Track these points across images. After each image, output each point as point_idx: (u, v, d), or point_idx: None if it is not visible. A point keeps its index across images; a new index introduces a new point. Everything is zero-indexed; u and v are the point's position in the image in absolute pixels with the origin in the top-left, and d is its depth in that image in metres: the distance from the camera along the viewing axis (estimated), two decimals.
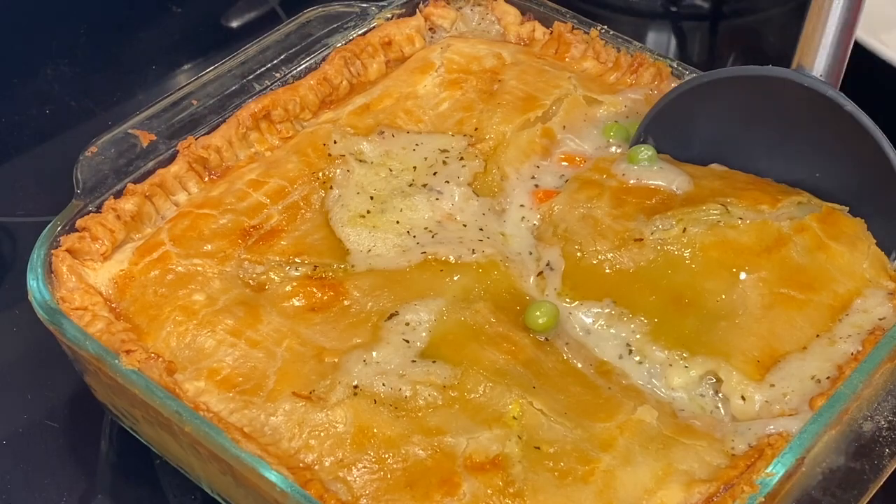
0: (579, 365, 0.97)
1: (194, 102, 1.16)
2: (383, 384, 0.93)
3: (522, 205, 1.10)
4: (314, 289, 1.01)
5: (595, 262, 1.02)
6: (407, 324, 0.97)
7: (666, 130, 1.11)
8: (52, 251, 1.02)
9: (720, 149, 1.10)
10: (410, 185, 1.10)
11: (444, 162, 1.12)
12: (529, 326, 0.99)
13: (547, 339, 0.99)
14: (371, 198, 1.09)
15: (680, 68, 1.19)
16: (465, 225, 1.07)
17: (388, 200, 1.08)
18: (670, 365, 0.96)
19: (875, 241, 1.03)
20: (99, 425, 1.12)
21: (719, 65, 1.60)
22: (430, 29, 1.29)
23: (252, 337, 0.97)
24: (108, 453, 1.11)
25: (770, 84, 1.04)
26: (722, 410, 0.94)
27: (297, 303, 1.01)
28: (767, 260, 1.00)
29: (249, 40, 1.22)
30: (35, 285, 0.99)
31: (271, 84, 1.18)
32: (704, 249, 1.01)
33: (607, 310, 1.00)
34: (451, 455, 0.89)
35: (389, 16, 1.27)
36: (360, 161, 1.12)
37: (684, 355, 0.96)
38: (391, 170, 1.11)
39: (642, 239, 1.01)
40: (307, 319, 0.99)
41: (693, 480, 0.88)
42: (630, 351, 0.98)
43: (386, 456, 0.89)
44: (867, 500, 0.87)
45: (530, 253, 1.06)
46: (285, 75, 1.20)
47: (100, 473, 1.10)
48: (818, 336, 0.97)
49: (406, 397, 0.92)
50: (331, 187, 1.10)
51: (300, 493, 0.85)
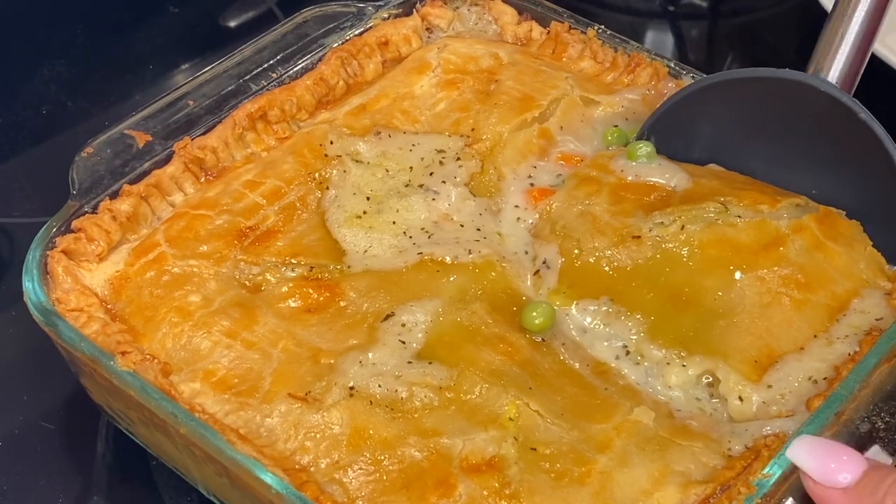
0: (576, 365, 0.97)
1: (190, 103, 1.15)
2: (379, 385, 0.93)
3: (517, 205, 1.09)
4: (310, 290, 1.01)
5: (593, 260, 1.02)
6: (403, 325, 0.97)
7: (669, 131, 1.11)
8: (48, 252, 1.02)
9: (723, 152, 1.10)
10: (407, 186, 1.09)
11: (441, 162, 1.11)
12: (526, 327, 0.99)
13: (543, 340, 0.99)
14: (367, 198, 1.08)
15: (677, 68, 1.19)
16: (462, 225, 1.07)
17: (385, 201, 1.08)
18: (668, 364, 0.96)
19: (871, 244, 1.03)
20: (95, 427, 1.12)
21: (718, 65, 1.60)
22: (427, 29, 1.29)
23: (248, 338, 0.97)
24: (104, 455, 1.11)
25: (782, 87, 1.04)
26: (719, 411, 0.94)
27: (293, 304, 1.00)
28: (765, 259, 1.00)
29: (246, 40, 1.22)
30: (30, 286, 0.99)
31: (268, 84, 1.18)
32: (702, 247, 1.00)
33: (604, 308, 1.00)
34: (447, 456, 0.89)
35: (386, 16, 1.27)
36: (357, 161, 1.11)
37: (682, 354, 0.96)
38: (387, 170, 1.11)
39: (640, 236, 1.01)
40: (303, 320, 0.99)
41: (689, 482, 0.87)
42: (627, 352, 0.98)
43: (382, 457, 0.89)
44: None
45: (526, 252, 1.05)
46: (282, 75, 1.19)
47: (96, 475, 1.10)
48: (816, 336, 0.97)
49: (402, 399, 0.92)
50: (327, 188, 1.09)
51: (295, 495, 0.85)
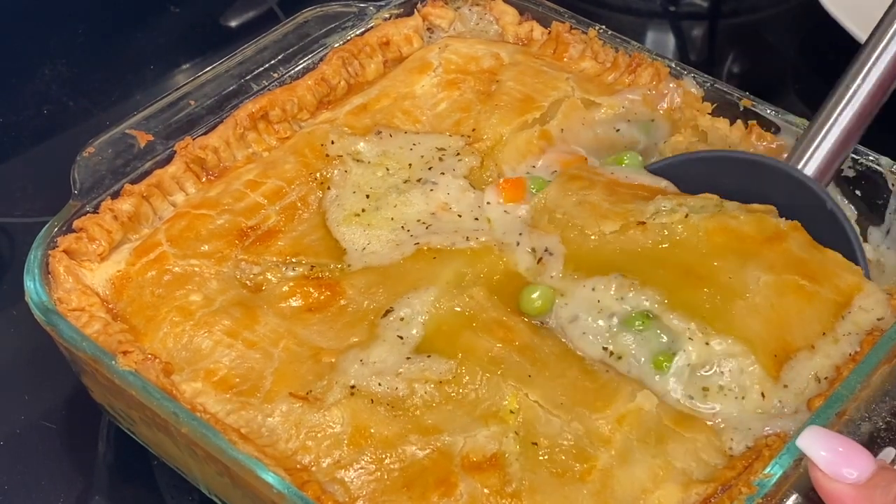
0: (578, 351, 0.97)
1: (192, 103, 1.15)
2: (379, 384, 0.93)
3: (489, 202, 1.08)
4: (311, 289, 1.01)
5: (598, 244, 1.00)
6: (401, 318, 0.97)
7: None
8: (49, 252, 1.02)
9: None
10: (405, 182, 1.09)
11: (441, 158, 1.11)
12: (524, 311, 0.98)
13: (543, 324, 0.98)
14: (367, 196, 1.08)
15: (678, 68, 1.19)
16: (460, 215, 1.07)
17: (384, 198, 1.08)
18: (690, 339, 0.93)
19: None
20: (96, 426, 1.12)
21: (718, 65, 1.60)
22: (429, 29, 1.29)
23: (249, 338, 0.97)
24: (106, 454, 1.11)
25: (762, 169, 1.07)
26: (729, 396, 0.93)
27: (294, 303, 1.00)
28: (770, 250, 0.99)
29: (248, 40, 1.22)
30: (32, 286, 0.99)
31: (269, 84, 1.18)
32: (709, 234, 0.99)
33: (615, 282, 0.97)
34: (448, 454, 0.89)
35: (387, 16, 1.27)
36: (358, 161, 1.11)
37: (705, 328, 0.93)
38: (388, 169, 1.11)
39: (645, 222, 1.00)
40: (304, 320, 0.99)
41: (691, 481, 0.87)
42: (639, 322, 0.95)
43: (383, 456, 0.89)
44: None
45: (518, 243, 1.04)
46: (283, 75, 1.19)
47: (97, 474, 1.10)
48: (824, 334, 0.96)
49: (402, 396, 0.92)
50: (328, 188, 1.09)
51: (297, 495, 0.85)
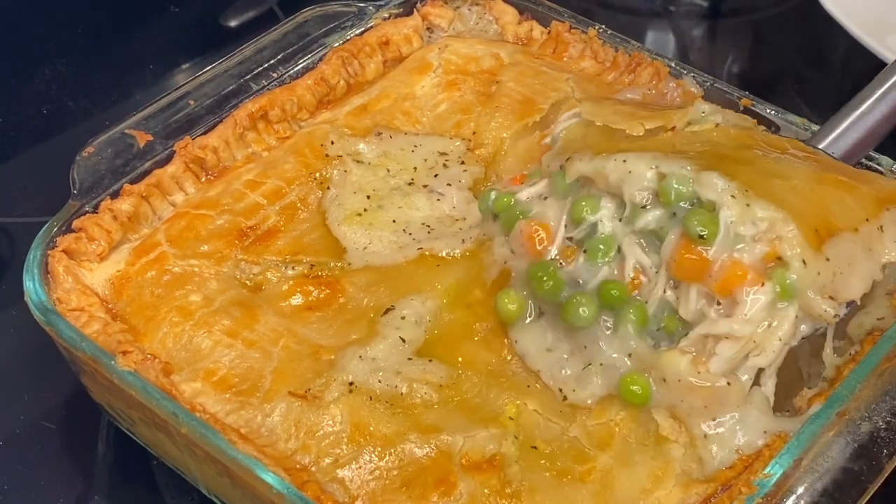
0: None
1: (191, 102, 1.15)
2: (379, 381, 0.93)
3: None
4: (311, 287, 1.01)
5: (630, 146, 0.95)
6: (402, 318, 0.97)
7: None
8: (49, 252, 1.01)
9: None
10: (410, 184, 1.09)
11: (445, 165, 1.12)
12: (501, 315, 0.97)
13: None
14: (368, 197, 1.08)
15: (678, 68, 1.19)
16: (465, 219, 1.07)
17: (386, 198, 1.08)
18: (732, 196, 0.88)
19: None
20: (96, 426, 1.12)
21: (718, 64, 1.60)
22: (428, 29, 1.29)
23: (248, 337, 0.97)
24: (105, 454, 1.11)
25: None
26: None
27: (294, 302, 1.00)
28: (805, 157, 0.97)
29: (247, 40, 1.22)
30: (31, 286, 0.99)
31: (268, 84, 1.18)
32: (738, 138, 0.97)
33: (649, 156, 0.92)
34: (448, 454, 0.89)
35: (387, 15, 1.27)
36: (358, 162, 1.11)
37: (745, 190, 0.89)
38: (388, 170, 1.11)
39: (675, 127, 0.98)
40: (304, 318, 0.99)
41: (691, 481, 0.87)
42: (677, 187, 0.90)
43: (382, 455, 0.89)
44: (865, 502, 0.86)
45: None
46: (282, 75, 1.19)
47: (96, 474, 1.10)
48: (868, 220, 0.92)
49: (402, 394, 0.92)
50: (328, 188, 1.09)
51: (296, 495, 0.85)
